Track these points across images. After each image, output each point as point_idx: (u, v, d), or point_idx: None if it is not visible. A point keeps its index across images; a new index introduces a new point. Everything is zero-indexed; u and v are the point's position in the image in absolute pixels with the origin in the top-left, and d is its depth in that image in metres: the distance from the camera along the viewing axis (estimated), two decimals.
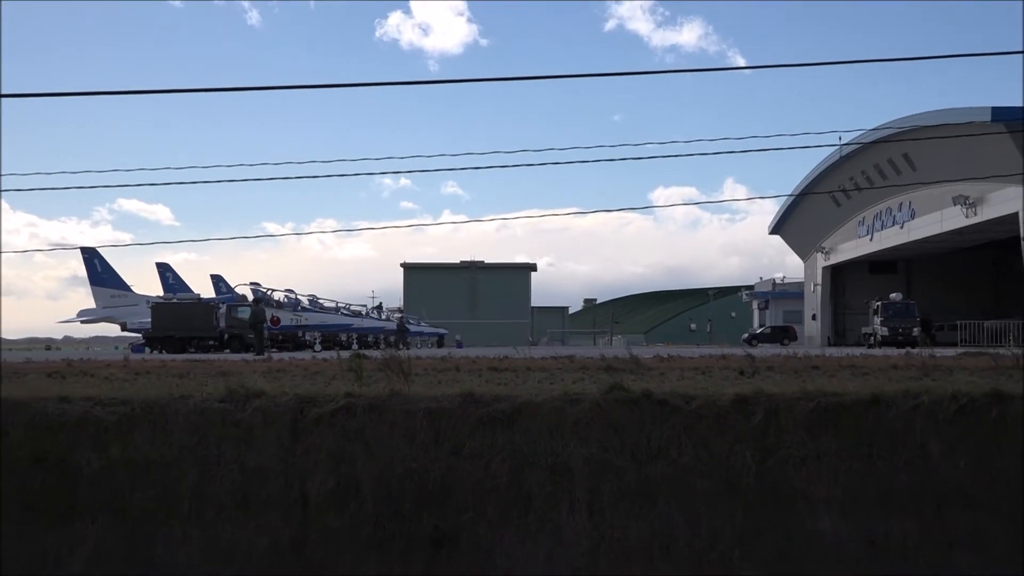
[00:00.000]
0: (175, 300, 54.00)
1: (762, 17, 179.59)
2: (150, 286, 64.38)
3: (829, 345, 51.67)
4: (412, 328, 66.68)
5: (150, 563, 9.80)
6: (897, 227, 57.06)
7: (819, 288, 70.60)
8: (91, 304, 63.18)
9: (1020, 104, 42.81)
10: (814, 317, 71.19)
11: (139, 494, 10.14)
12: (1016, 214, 44.09)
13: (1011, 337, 39.44)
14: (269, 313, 49.68)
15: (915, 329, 48.13)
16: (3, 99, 25.69)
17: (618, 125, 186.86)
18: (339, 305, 61.50)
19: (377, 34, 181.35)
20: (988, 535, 9.54)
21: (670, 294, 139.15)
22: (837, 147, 55.95)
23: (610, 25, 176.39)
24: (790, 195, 68.69)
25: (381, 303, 74.26)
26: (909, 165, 52.07)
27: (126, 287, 62.60)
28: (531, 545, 9.71)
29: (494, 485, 10.05)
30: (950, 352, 23.45)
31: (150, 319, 50.13)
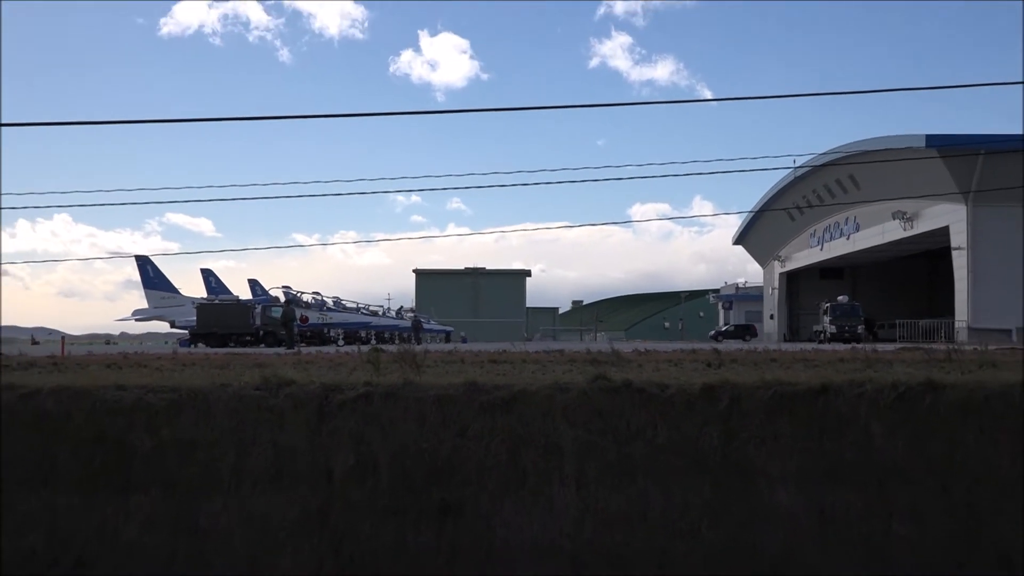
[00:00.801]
0: (217, 301, 53.90)
1: (727, 55, 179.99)
2: (195, 289, 64.40)
3: (785, 341, 51.70)
4: (422, 326, 66.53)
5: (195, 531, 9.82)
6: (844, 238, 57.19)
7: (776, 292, 70.68)
8: (144, 305, 63.09)
9: (951, 132, 42.87)
10: (772, 317, 71.24)
11: (185, 470, 10.15)
12: (947, 227, 44.22)
13: (942, 334, 39.51)
14: (299, 312, 49.65)
15: (859, 327, 48.21)
16: (66, 125, 25.67)
17: (601, 149, 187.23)
18: (359, 306, 61.51)
19: (391, 69, 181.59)
20: (922, 507, 9.58)
21: (647, 297, 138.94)
22: (792, 169, 56.12)
23: (594, 62, 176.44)
24: (751, 211, 68.88)
25: (402, 306, 74.03)
26: (854, 185, 52.17)
27: (174, 290, 62.50)
28: (526, 514, 9.73)
29: (494, 462, 10.08)
30: (890, 347, 23.51)
31: (195, 318, 50.08)
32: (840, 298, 52.47)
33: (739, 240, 76.03)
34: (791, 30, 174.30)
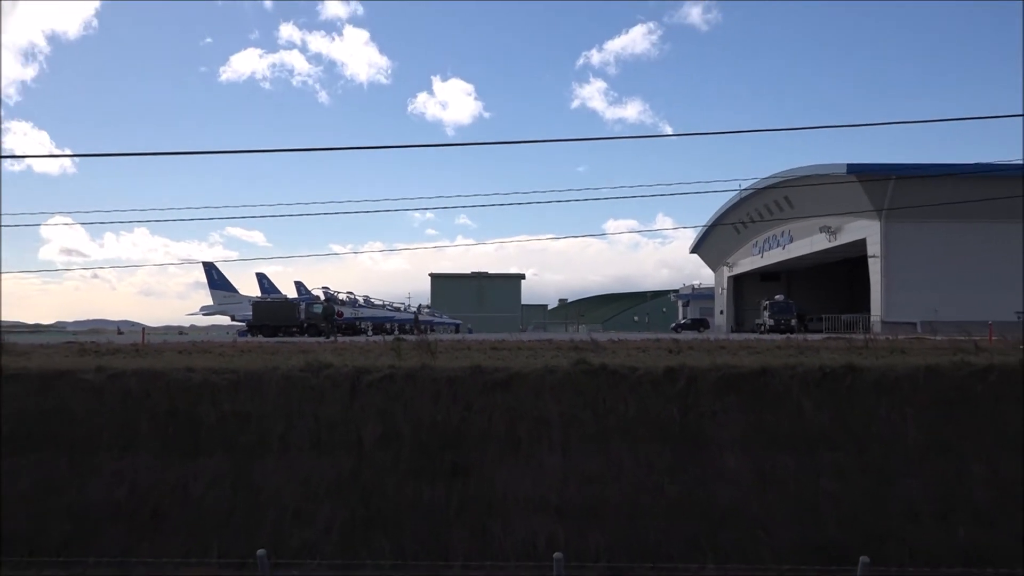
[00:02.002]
0: (269, 299, 53.49)
1: (684, 98, 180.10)
2: (251, 289, 63.94)
3: (732, 332, 51.58)
4: (436, 320, 66.28)
5: (251, 487, 9.77)
6: (780, 248, 57.07)
7: (725, 291, 70.52)
8: (209, 302, 62.63)
9: (868, 161, 42.88)
10: (721, 312, 71.08)
11: (243, 438, 10.14)
12: (864, 239, 44.16)
13: (860, 326, 39.48)
14: (336, 308, 49.49)
15: (793, 320, 48.02)
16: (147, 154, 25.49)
17: (581, 175, 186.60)
18: (385, 303, 61.34)
19: (409, 109, 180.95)
20: (844, 467, 9.55)
21: (619, 296, 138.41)
22: (738, 191, 56.33)
23: (575, 103, 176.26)
24: (704, 225, 68.68)
25: (420, 304, 73.56)
26: (789, 204, 52.06)
27: (234, 290, 62.16)
28: (521, 474, 9.69)
29: (495, 432, 10.06)
30: (817, 337, 23.50)
31: (251, 313, 49.69)
32: (777, 297, 52.32)
33: (695, 249, 75.87)
34: (737, 76, 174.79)
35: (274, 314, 48.03)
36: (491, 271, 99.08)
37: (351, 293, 55.73)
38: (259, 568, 7.21)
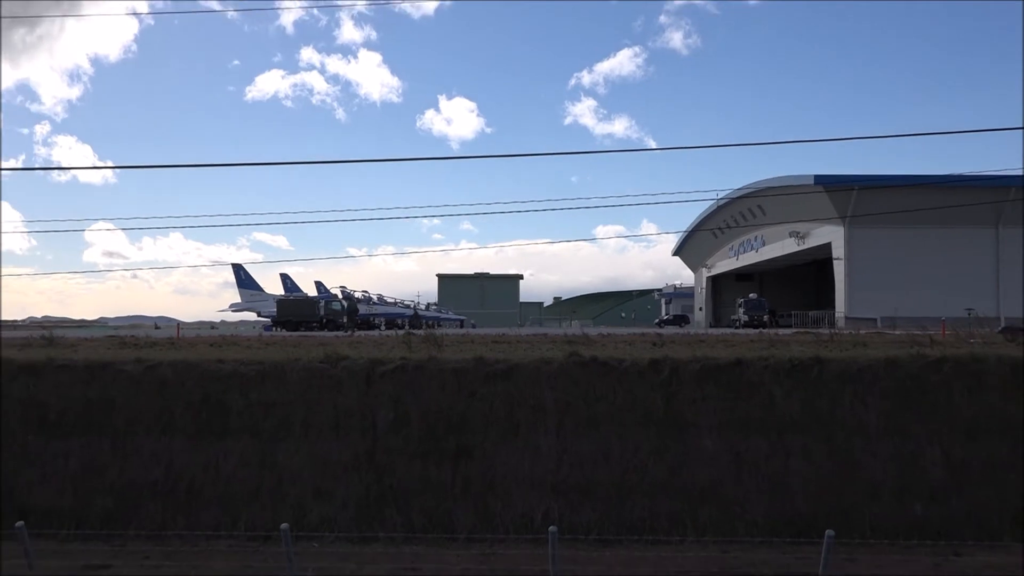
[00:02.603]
0: (291, 298, 53.35)
1: (667, 115, 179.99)
2: (275, 288, 63.85)
3: (710, 327, 51.60)
4: (442, 316, 66.15)
5: (275, 467, 9.76)
6: (754, 251, 56.94)
7: (704, 290, 70.36)
8: (238, 300, 62.40)
9: (834, 173, 42.83)
10: (700, 309, 70.92)
11: (268, 423, 10.13)
12: (830, 243, 44.15)
13: (826, 322, 39.45)
14: (356, 306, 49.30)
15: (765, 316, 47.91)
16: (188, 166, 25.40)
17: (574, 184, 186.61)
18: (396, 301, 61.21)
19: (418, 125, 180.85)
20: (811, 450, 9.54)
21: (608, 294, 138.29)
22: (715, 200, 56.25)
23: (568, 120, 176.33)
24: (685, 231, 68.42)
25: (429, 303, 73.25)
26: (762, 212, 51.94)
27: (260, 289, 61.97)
28: (519, 456, 9.68)
29: (496, 417, 10.04)
30: (787, 332, 23.46)
31: (276, 310, 49.56)
32: (751, 295, 52.13)
33: (677, 252, 75.73)
34: (715, 95, 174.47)
35: (296, 311, 47.85)
36: (492, 272, 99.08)
37: (366, 292, 55.64)
38: (282, 540, 7.21)
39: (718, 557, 8.24)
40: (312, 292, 60.40)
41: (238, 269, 62.14)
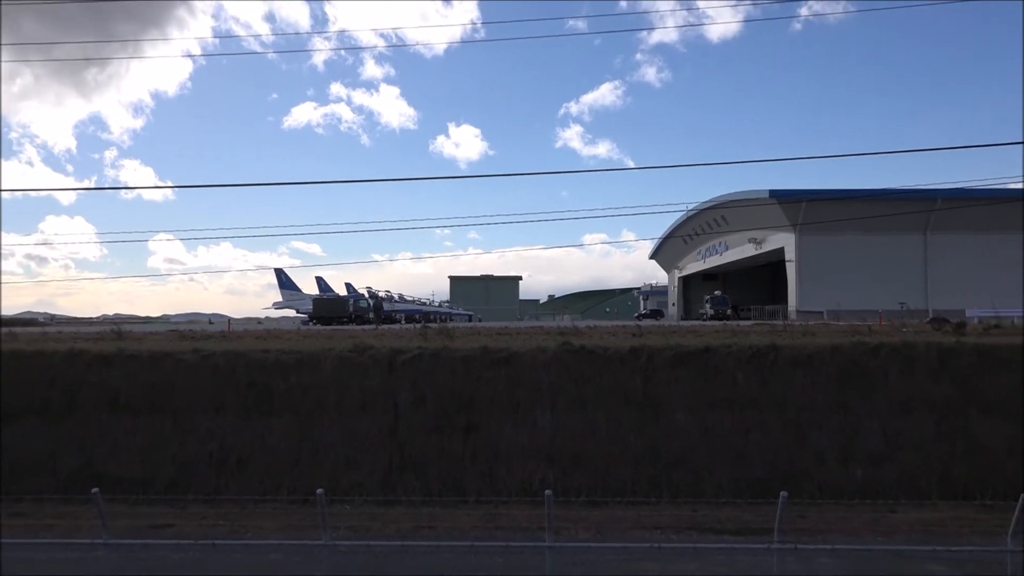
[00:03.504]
0: (325, 297, 53.24)
1: (643, 138, 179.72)
2: (311, 289, 63.77)
3: (682, 320, 51.54)
4: (453, 312, 65.89)
5: (312, 440, 9.77)
6: (718, 255, 56.84)
7: (676, 289, 70.37)
8: (280, 299, 62.45)
9: (786, 188, 42.76)
10: (673, 305, 70.82)
11: (306, 403, 10.15)
12: (783, 248, 44.13)
13: (780, 315, 39.39)
14: (381, 304, 49.16)
15: (728, 311, 47.88)
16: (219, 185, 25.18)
17: (565, 198, 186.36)
18: (415, 299, 61.12)
19: (430, 148, 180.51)
20: (768, 425, 9.55)
21: (595, 292, 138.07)
22: (686, 211, 56.27)
23: (559, 143, 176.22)
24: (660, 238, 68.37)
25: (441, 301, 72.97)
26: (725, 221, 51.88)
27: (299, 290, 61.88)
28: (520, 431, 9.69)
29: (499, 398, 10.07)
30: (747, 323, 23.48)
31: (312, 307, 49.56)
32: (716, 292, 51.93)
33: (653, 256, 75.60)
34: (684, 120, 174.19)
35: (329, 308, 47.84)
36: (495, 274, 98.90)
37: (389, 291, 55.58)
38: (318, 503, 7.22)
39: (689, 515, 8.26)
40: (343, 292, 60.37)
41: (280, 273, 62.17)
